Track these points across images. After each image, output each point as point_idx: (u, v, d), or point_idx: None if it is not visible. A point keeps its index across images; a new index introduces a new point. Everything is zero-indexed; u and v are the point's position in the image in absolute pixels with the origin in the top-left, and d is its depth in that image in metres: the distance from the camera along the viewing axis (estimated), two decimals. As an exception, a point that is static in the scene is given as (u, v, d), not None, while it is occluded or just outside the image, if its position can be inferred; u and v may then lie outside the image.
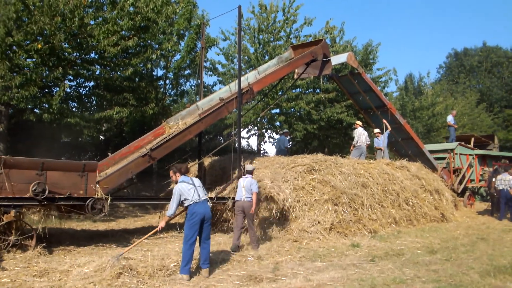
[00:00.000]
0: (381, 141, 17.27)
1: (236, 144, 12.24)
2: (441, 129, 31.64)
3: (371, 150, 19.44)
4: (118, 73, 16.43)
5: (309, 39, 22.82)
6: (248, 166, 10.39)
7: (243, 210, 9.70)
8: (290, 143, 18.05)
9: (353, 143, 16.72)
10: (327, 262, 8.54)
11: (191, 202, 7.34)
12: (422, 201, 14.60)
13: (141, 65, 17.36)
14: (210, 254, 7.69)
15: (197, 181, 7.63)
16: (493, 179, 17.07)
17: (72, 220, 13.50)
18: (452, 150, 19.82)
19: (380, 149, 17.26)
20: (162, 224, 7.68)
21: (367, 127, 19.59)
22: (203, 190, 7.62)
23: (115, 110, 15.88)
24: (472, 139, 22.47)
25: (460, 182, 19.61)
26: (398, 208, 13.65)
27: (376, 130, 17.62)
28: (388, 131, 17.23)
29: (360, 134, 16.46)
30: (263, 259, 8.62)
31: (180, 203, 7.46)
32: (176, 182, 7.62)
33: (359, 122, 17.31)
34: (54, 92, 14.84)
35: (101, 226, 13.20)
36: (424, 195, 14.93)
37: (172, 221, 14.58)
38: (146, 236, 8.79)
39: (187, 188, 7.42)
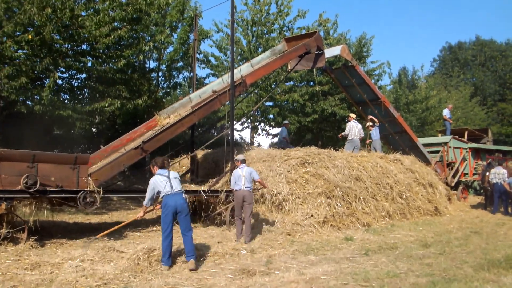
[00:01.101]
0: (373, 133, 17.33)
1: (229, 137, 12.21)
2: (435, 122, 31.76)
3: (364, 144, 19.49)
4: (110, 65, 16.34)
5: (303, 32, 22.78)
6: (239, 156, 10.46)
7: (243, 200, 9.79)
8: (291, 134, 18.07)
9: (343, 133, 16.70)
10: (320, 255, 8.55)
11: (163, 195, 7.50)
12: (415, 195, 14.66)
13: (134, 57, 17.24)
14: (200, 246, 7.69)
15: (173, 174, 7.72)
16: (487, 173, 17.16)
17: (65, 213, 13.43)
18: (445, 143, 19.90)
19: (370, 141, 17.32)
20: (140, 213, 8.23)
21: (360, 120, 19.61)
22: (179, 182, 7.67)
23: (107, 101, 15.79)
24: (466, 133, 22.58)
25: (454, 176, 19.72)
26: (391, 201, 13.69)
27: (369, 124, 17.70)
28: (376, 124, 17.28)
29: (351, 127, 16.46)
30: (256, 252, 8.62)
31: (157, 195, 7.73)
32: None
33: (352, 115, 17.33)
34: (45, 84, 14.72)
35: (94, 219, 13.15)
36: (418, 189, 14.99)
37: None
38: (122, 224, 9.14)
39: (159, 181, 7.56)
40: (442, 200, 15.82)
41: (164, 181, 7.54)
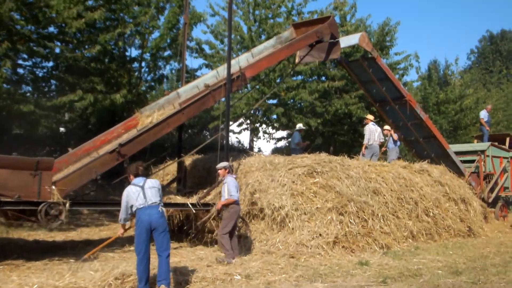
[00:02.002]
0: (390, 141, 17.41)
1: (224, 141, 12.20)
2: (470, 126, 31.75)
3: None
4: (83, 51, 16.36)
5: (314, 16, 22.88)
6: (222, 163, 10.75)
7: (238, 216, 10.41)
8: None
9: (364, 142, 16.75)
10: (330, 283, 8.54)
11: (135, 208, 7.43)
12: (445, 212, 14.64)
13: (111, 43, 17.32)
14: (186, 270, 7.67)
15: (150, 183, 7.61)
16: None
17: (23, 229, 13.43)
18: (482, 151, 19.88)
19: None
20: (120, 231, 8.27)
21: (380, 122, 19.64)
22: (155, 193, 7.54)
23: (77, 95, 15.75)
24: (508, 139, 22.54)
25: (492, 190, 19.67)
26: (416, 219, 13.66)
27: (386, 127, 17.71)
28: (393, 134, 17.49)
29: (371, 131, 16.50)
30: (252, 278, 8.60)
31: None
32: None
33: (370, 117, 17.35)
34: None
35: (59, 237, 13.14)
36: (448, 205, 14.96)
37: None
38: (102, 244, 8.97)
39: (132, 192, 7.49)
40: (476, 218, 15.77)
41: (137, 192, 7.45)
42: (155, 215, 7.35)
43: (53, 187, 9.54)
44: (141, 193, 7.42)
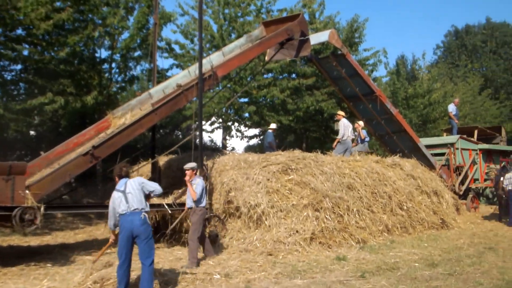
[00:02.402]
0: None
1: (197, 140, 12.15)
2: (439, 120, 32.18)
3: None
4: (52, 53, 16.13)
5: (284, 14, 22.90)
6: (189, 164, 10.45)
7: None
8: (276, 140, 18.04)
9: (339, 136, 16.80)
10: (308, 279, 8.57)
11: (118, 214, 7.26)
12: (418, 205, 14.81)
13: (81, 44, 17.09)
14: (165, 271, 7.61)
15: (130, 186, 7.35)
16: (501, 178, 17.42)
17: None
18: (452, 144, 20.16)
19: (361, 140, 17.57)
20: (111, 237, 7.90)
21: (351, 118, 19.77)
22: (138, 197, 7.28)
23: (47, 97, 15.53)
24: (476, 132, 22.93)
25: (462, 182, 19.98)
26: (390, 213, 13.80)
27: (360, 122, 17.87)
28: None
29: (346, 127, 16.58)
30: (231, 277, 8.59)
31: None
32: None
33: (341, 113, 17.45)
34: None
35: (33, 241, 12.94)
36: (421, 198, 15.14)
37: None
38: (103, 249, 8.74)
39: (115, 198, 7.32)
40: (449, 210, 16.00)
41: (119, 198, 7.26)
42: (137, 222, 7.12)
43: (27, 191, 9.38)
44: (123, 198, 7.21)
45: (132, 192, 7.28)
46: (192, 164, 10.35)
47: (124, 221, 7.16)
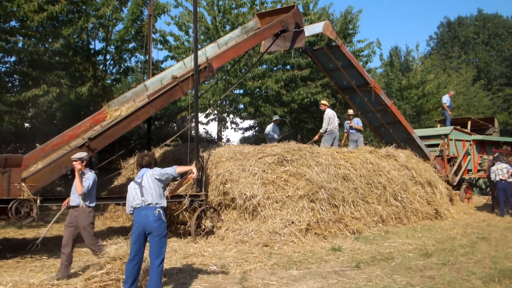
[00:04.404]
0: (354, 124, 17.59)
1: (193, 131, 12.12)
2: (433, 111, 32.24)
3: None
4: (46, 45, 16.04)
5: (278, 6, 22.81)
6: (77, 154, 8.82)
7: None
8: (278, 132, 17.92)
9: (324, 128, 16.59)
10: (304, 269, 8.59)
11: (132, 208, 6.91)
12: (412, 196, 14.86)
13: (75, 36, 17.00)
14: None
15: (148, 178, 6.94)
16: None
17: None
18: (446, 135, 20.21)
19: (357, 129, 17.52)
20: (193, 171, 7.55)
21: (341, 110, 19.73)
22: (155, 190, 6.88)
23: (42, 89, 15.45)
24: (469, 123, 23.00)
25: (456, 173, 20.04)
26: (385, 204, 13.84)
27: (350, 112, 17.84)
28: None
29: (331, 117, 16.52)
30: (228, 268, 8.60)
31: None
32: None
33: (325, 102, 17.40)
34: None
35: (29, 234, 12.92)
36: (415, 189, 15.19)
37: (117, 225, 14.46)
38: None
39: (131, 189, 6.98)
40: (443, 201, 16.08)
41: (135, 190, 6.90)
42: (151, 217, 6.72)
43: (23, 184, 9.35)
44: (139, 191, 6.86)
45: (147, 186, 6.89)
46: (81, 154, 8.81)
47: (138, 215, 6.80)
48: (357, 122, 17.72)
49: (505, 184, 16.29)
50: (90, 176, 8.54)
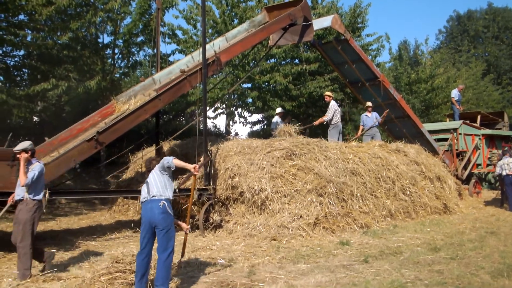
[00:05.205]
0: (373, 117, 17.38)
1: (201, 125, 12.12)
2: (442, 105, 32.09)
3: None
4: (55, 39, 16.08)
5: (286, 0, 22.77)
6: (20, 145, 8.04)
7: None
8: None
9: (327, 118, 16.57)
10: (312, 263, 8.58)
11: (140, 203, 6.98)
12: (421, 190, 14.81)
13: (83, 29, 17.03)
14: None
15: (153, 173, 6.99)
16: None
17: (1, 221, 13.22)
18: (455, 130, 20.14)
19: (371, 127, 17.33)
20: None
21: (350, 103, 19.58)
22: (161, 183, 6.89)
23: (51, 83, 15.51)
24: (478, 117, 22.87)
25: (465, 167, 19.98)
26: (393, 198, 13.80)
27: (368, 104, 17.71)
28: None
29: (337, 109, 16.49)
30: (236, 262, 8.61)
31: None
32: None
33: (329, 93, 17.33)
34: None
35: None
36: (424, 183, 15.14)
37: (126, 218, 14.52)
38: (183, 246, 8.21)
39: (142, 189, 7.05)
40: (452, 196, 16.02)
41: (143, 188, 6.97)
42: (156, 210, 6.70)
43: (32, 177, 9.36)
44: (145, 188, 6.90)
45: (152, 180, 6.92)
46: (23, 144, 8.00)
47: (144, 209, 6.82)
48: (375, 116, 17.56)
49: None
50: (36, 167, 7.90)
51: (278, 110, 18.28)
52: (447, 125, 21.22)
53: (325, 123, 16.69)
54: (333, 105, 16.59)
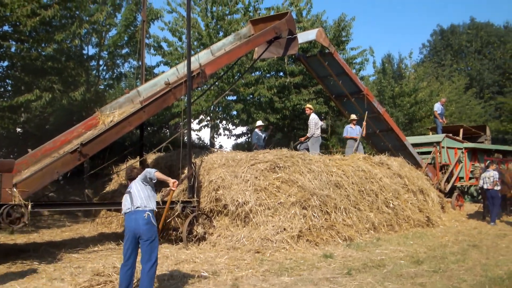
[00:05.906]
0: (356, 130, 17.47)
1: (186, 138, 12.12)
2: (425, 118, 32.37)
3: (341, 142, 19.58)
4: (39, 50, 16.04)
5: (272, 13, 22.89)
6: None
7: None
8: (263, 136, 17.70)
9: (310, 133, 16.59)
10: (296, 276, 8.60)
11: (123, 214, 6.96)
12: (404, 203, 14.90)
13: (68, 41, 17.00)
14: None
15: (136, 183, 6.99)
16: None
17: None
18: (438, 143, 20.30)
19: (354, 139, 17.38)
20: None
21: (340, 117, 19.71)
22: (144, 193, 6.88)
23: (34, 94, 15.43)
24: (461, 131, 23.08)
25: (448, 180, 20.14)
26: (377, 211, 13.88)
27: (353, 117, 17.80)
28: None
29: (317, 122, 16.57)
30: (219, 275, 8.60)
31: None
32: None
33: (310, 106, 17.45)
34: None
35: (20, 239, 12.85)
36: (407, 196, 15.23)
37: (109, 231, 14.44)
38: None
39: (123, 199, 7.02)
40: (434, 208, 16.13)
41: (125, 198, 6.96)
42: (140, 221, 6.70)
43: (14, 189, 9.30)
44: (128, 197, 6.88)
45: (135, 191, 6.92)
46: None
47: (128, 220, 6.80)
48: (359, 130, 17.64)
49: (493, 192, 16.40)
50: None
51: (258, 123, 18.34)
52: (430, 139, 21.40)
53: (310, 140, 16.70)
54: (312, 118, 16.63)
